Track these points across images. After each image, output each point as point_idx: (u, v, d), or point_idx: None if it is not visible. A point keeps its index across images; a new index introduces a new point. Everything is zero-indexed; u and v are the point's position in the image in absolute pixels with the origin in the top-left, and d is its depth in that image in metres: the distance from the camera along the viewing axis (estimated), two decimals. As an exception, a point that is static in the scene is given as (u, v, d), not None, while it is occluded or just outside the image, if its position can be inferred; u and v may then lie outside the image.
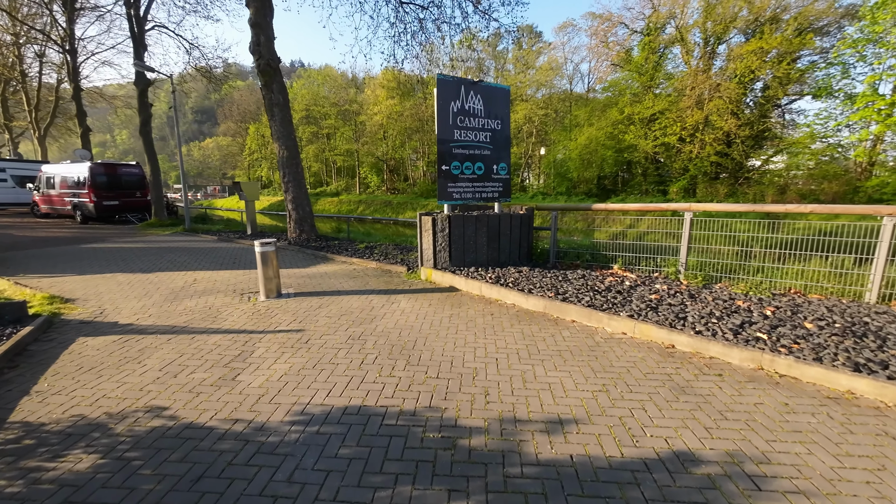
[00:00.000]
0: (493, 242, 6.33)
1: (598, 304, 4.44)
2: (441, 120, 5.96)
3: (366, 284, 5.89)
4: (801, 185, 25.01)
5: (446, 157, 6.06)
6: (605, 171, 30.62)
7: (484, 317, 4.44)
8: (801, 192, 24.51)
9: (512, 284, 5.23)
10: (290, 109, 9.16)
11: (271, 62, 8.67)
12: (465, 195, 6.29)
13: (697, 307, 4.28)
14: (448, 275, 5.72)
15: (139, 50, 14.47)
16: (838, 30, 24.89)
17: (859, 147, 23.75)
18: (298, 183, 9.32)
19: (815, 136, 24.58)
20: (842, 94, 23.41)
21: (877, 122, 21.25)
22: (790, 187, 25.54)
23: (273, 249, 5.25)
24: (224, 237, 10.99)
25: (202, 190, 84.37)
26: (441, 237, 6.05)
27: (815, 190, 24.19)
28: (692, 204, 5.47)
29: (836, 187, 23.84)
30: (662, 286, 5.12)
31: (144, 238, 11.45)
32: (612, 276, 5.66)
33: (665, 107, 27.56)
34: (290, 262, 7.53)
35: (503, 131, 6.58)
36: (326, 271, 6.78)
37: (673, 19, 29.11)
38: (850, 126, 23.76)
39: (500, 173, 6.64)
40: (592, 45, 33.34)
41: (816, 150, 24.93)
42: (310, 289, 5.70)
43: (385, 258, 7.39)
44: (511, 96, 39.69)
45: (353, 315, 4.53)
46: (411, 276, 6.30)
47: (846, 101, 22.97)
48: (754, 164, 27.88)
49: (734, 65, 25.25)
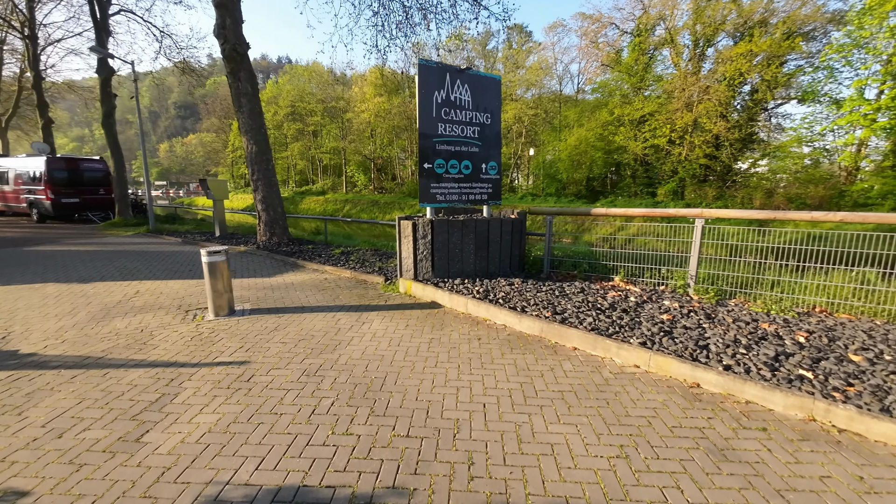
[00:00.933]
0: (482, 250, 5.66)
1: (603, 326, 3.79)
2: (423, 112, 5.26)
3: (335, 298, 5.15)
4: (788, 189, 25.02)
5: (429, 154, 5.36)
6: (595, 172, 30.33)
7: (470, 342, 3.75)
8: (788, 196, 24.50)
9: (503, 300, 4.56)
10: (260, 100, 8.34)
11: (238, 47, 7.83)
12: (451, 197, 5.60)
13: (718, 331, 3.66)
14: (430, 288, 5.02)
15: (101, 36, 13.42)
16: (824, 35, 24.98)
17: (845, 151, 23.83)
18: (269, 181, 8.50)
19: (802, 139, 24.64)
20: (827, 99, 23.48)
21: (863, 127, 21.28)
22: (777, 191, 25.58)
23: (223, 259, 4.47)
24: (189, 239, 10.09)
25: (184, 187, 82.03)
26: (422, 245, 5.34)
27: (801, 194, 24.21)
28: (704, 210, 4.87)
29: (823, 191, 23.90)
30: (672, 303, 4.51)
31: (102, 240, 10.47)
32: (615, 291, 5.03)
33: (655, 108, 27.36)
34: (255, 270, 6.73)
35: (493, 126, 5.91)
36: (293, 281, 6.01)
37: (663, 21, 28.94)
38: (834, 131, 23.89)
39: (490, 173, 5.96)
40: (582, 45, 33.05)
41: (802, 154, 25.02)
42: (270, 304, 4.94)
43: (361, 266, 6.65)
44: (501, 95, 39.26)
45: (315, 340, 3.79)
46: (389, 288, 5.57)
47: (832, 105, 23.01)
48: (741, 167, 27.89)
49: (723, 67, 25.15)
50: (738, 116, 26.19)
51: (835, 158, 25.08)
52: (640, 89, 29.35)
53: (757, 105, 26.06)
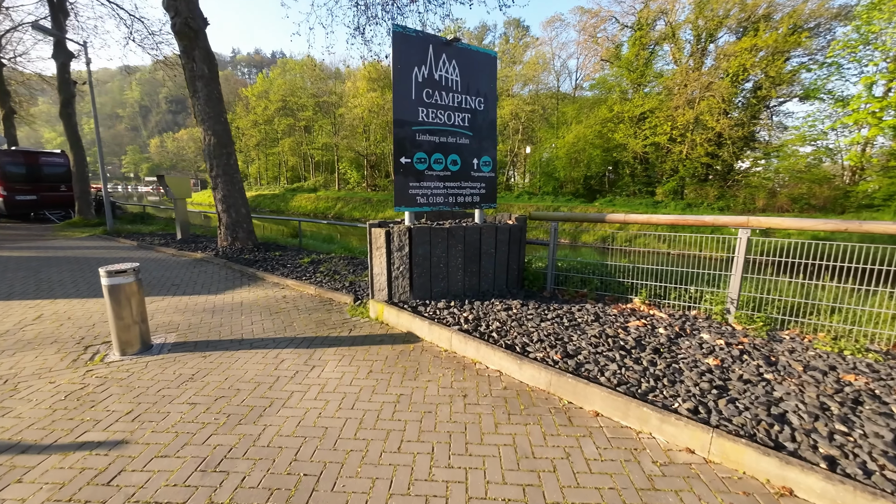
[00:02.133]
0: (472, 264, 4.63)
1: (633, 378, 2.79)
2: (399, 93, 4.21)
3: (288, 327, 4.10)
4: (791, 189, 24.25)
5: (407, 147, 4.32)
6: (593, 170, 29.40)
7: (452, 401, 2.73)
8: (791, 196, 23.74)
9: (497, 334, 3.54)
10: (219, 84, 7.24)
11: (190, 21, 6.71)
12: (435, 199, 4.57)
13: (792, 388, 2.67)
14: (406, 314, 3.98)
15: (58, 17, 12.18)
16: (828, 31, 24.19)
17: (851, 151, 23.12)
18: (230, 178, 7.41)
19: (805, 138, 23.88)
20: (832, 97, 22.74)
21: (870, 125, 20.53)
22: (780, 191, 24.84)
23: (132, 280, 3.40)
24: (146, 243, 8.97)
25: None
26: (398, 258, 4.30)
27: (805, 194, 23.46)
28: (751, 218, 3.88)
29: (828, 192, 23.18)
30: (714, 337, 3.52)
31: (48, 243, 9.32)
32: (637, 318, 4.03)
33: (655, 105, 26.48)
34: (203, 284, 5.66)
35: (487, 113, 4.88)
36: (244, 300, 4.95)
37: (664, 15, 28.02)
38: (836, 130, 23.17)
39: (483, 170, 4.93)
40: (581, 40, 32.11)
41: (805, 154, 24.30)
42: (201, 334, 3.88)
43: (330, 279, 5.60)
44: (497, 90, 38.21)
45: (238, 398, 2.75)
46: (357, 311, 4.53)
47: (839, 103, 22.23)
48: (743, 166, 27.12)
49: (726, 63, 24.29)
50: (741, 114, 25.39)
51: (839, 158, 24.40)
52: (641, 85, 28.45)
53: (760, 102, 25.25)
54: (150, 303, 4.79)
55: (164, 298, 4.97)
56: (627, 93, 29.26)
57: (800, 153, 24.40)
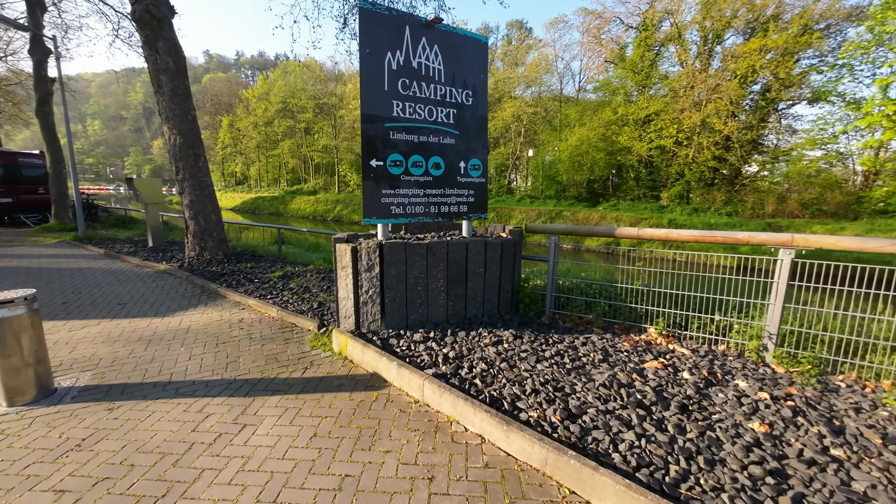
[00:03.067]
0: (457, 286, 3.92)
1: (657, 458, 2.07)
2: (369, 83, 3.52)
3: (231, 363, 3.40)
4: (802, 194, 23.45)
5: (378, 147, 3.62)
6: (596, 174, 28.67)
7: (413, 487, 2.01)
8: (802, 202, 22.96)
9: (481, 381, 2.82)
10: (187, 78, 6.57)
11: (152, 9, 6.05)
12: (413, 210, 3.87)
13: (875, 474, 1.95)
14: (371, 351, 3.26)
15: (35, 11, 11.59)
16: (839, 32, 23.45)
17: (865, 155, 22.36)
18: (198, 181, 6.73)
19: (815, 142, 23.11)
20: (843, 99, 22.00)
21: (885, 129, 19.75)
22: (790, 196, 24.07)
23: (20, 313, 2.69)
24: (114, 251, 8.31)
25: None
26: (367, 280, 3.60)
27: (817, 199, 22.68)
28: (795, 236, 3.16)
29: (840, 197, 22.41)
30: (754, 386, 2.79)
31: (7, 250, 8.67)
32: (654, 356, 3.30)
33: (661, 107, 25.76)
34: (152, 304, 4.97)
35: (477, 108, 4.18)
36: (192, 325, 4.26)
37: (670, 16, 27.33)
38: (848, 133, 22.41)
39: (472, 174, 4.23)
40: (585, 41, 31.45)
41: (816, 158, 23.55)
42: (123, 374, 3.18)
43: (298, 299, 4.90)
44: (499, 94, 37.67)
45: (126, 482, 2.04)
46: (320, 342, 3.82)
47: (851, 105, 21.47)
48: (751, 170, 26.36)
49: (734, 64, 23.58)
50: (749, 117, 24.64)
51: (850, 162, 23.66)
52: (646, 87, 27.74)
53: (769, 105, 24.50)
54: (81, 328, 4.11)
55: (100, 322, 4.28)
56: (632, 95, 28.57)
57: (810, 157, 23.66)
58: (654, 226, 21.45)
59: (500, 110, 33.77)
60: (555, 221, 24.34)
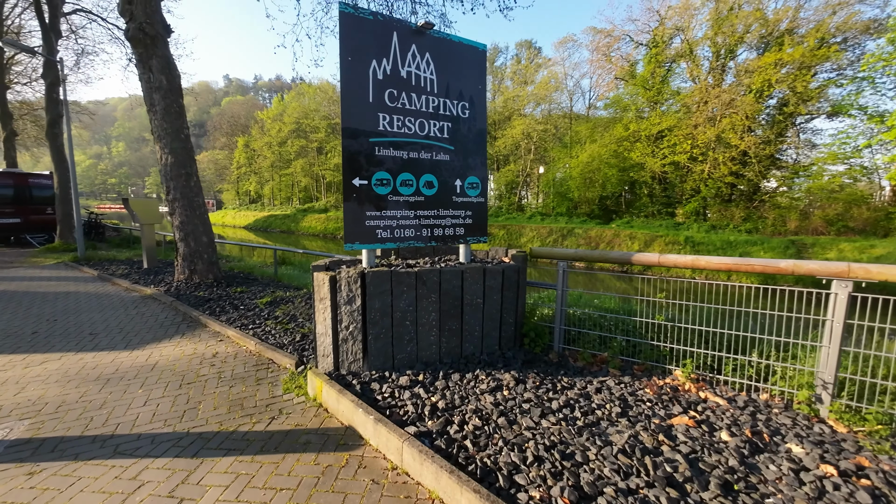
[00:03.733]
0: (451, 320, 3.46)
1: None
2: (351, 93, 3.16)
3: (190, 409, 2.97)
4: (825, 210, 22.48)
5: (362, 164, 3.24)
6: (608, 190, 28.07)
7: None
8: (826, 218, 22.00)
9: (473, 443, 2.33)
10: (181, 96, 6.39)
11: (145, 27, 5.92)
12: (403, 233, 3.45)
13: None
14: (347, 400, 2.79)
15: (49, 37, 11.84)
16: (857, 45, 22.84)
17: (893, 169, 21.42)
18: (189, 202, 6.46)
19: (837, 156, 22.27)
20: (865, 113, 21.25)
21: (912, 142, 18.91)
22: (813, 212, 23.13)
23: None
24: (107, 273, 8.07)
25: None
26: (347, 314, 3.16)
27: (842, 215, 21.70)
28: (852, 265, 2.63)
29: (867, 213, 21.41)
30: (811, 454, 2.23)
31: (2, 272, 8.51)
32: (684, 407, 2.76)
33: (673, 123, 25.28)
34: (127, 333, 4.61)
35: (474, 121, 3.79)
36: (160, 361, 3.86)
37: (680, 32, 27.12)
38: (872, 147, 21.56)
39: (469, 194, 3.81)
40: (594, 59, 31.33)
41: (839, 172, 22.66)
42: (64, 424, 2.77)
43: (281, 329, 4.48)
44: (508, 112, 37.63)
45: (9, 588, 1.60)
46: (295, 384, 3.37)
47: (875, 119, 20.71)
48: (770, 185, 25.50)
49: (749, 79, 23.09)
50: (767, 131, 23.97)
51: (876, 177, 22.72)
52: (657, 103, 27.36)
53: (787, 119, 23.81)
54: (40, 363, 3.75)
55: (63, 357, 3.92)
56: (643, 111, 28.21)
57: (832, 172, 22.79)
58: (670, 243, 20.69)
59: (510, 128, 33.71)
60: (566, 239, 23.73)
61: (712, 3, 25.37)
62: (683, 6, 26.17)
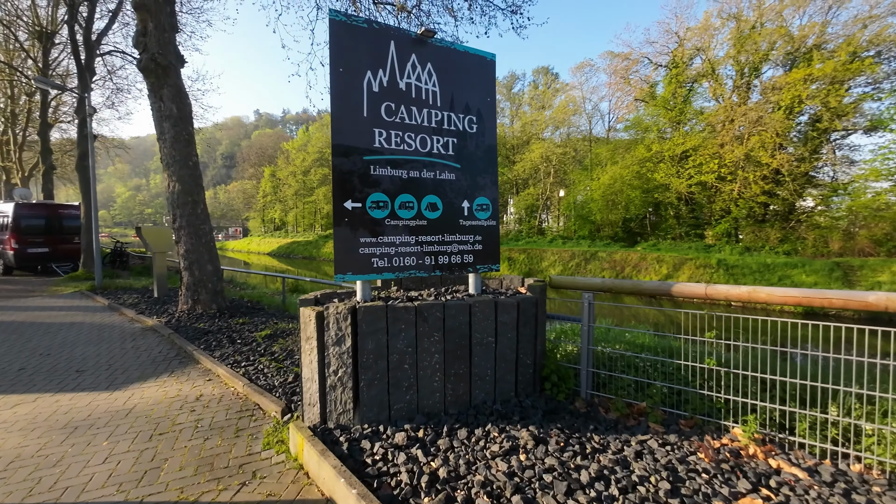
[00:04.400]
0: (458, 363, 2.97)
1: None
2: (342, 107, 2.85)
3: (151, 471, 2.55)
4: (871, 229, 20.94)
5: (355, 185, 2.88)
6: (632, 212, 27.14)
7: None
8: (874, 239, 20.49)
9: (478, 534, 1.81)
10: (191, 125, 6.36)
11: (157, 57, 5.95)
12: (402, 261, 3.04)
13: None
14: (328, 464, 2.30)
15: (84, 75, 12.47)
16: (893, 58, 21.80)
17: (944, 186, 19.91)
18: (195, 230, 6.30)
19: (880, 173, 20.89)
20: (909, 126, 20.00)
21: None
22: (858, 232, 21.60)
23: None
24: (118, 302, 7.97)
25: (224, 231, 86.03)
26: (336, 357, 2.73)
27: (891, 235, 20.14)
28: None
29: (922, 232, 19.82)
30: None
31: (19, 301, 8.56)
32: (752, 485, 2.15)
33: (698, 143, 24.49)
34: (115, 370, 4.31)
35: (482, 137, 3.42)
36: (139, 403, 3.49)
37: (701, 52, 26.68)
38: (917, 162, 20.16)
39: (479, 216, 3.39)
40: (612, 82, 31.14)
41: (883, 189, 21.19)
42: (3, 490, 2.40)
43: (275, 368, 4.08)
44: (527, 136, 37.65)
45: None
46: (276, 438, 2.92)
47: (920, 132, 19.45)
48: (806, 204, 24.09)
49: (777, 95, 22.26)
50: (800, 148, 22.86)
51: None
52: (680, 123, 26.69)
53: (821, 135, 22.68)
54: (11, 407, 3.44)
55: (39, 399, 3.61)
56: (666, 131, 27.57)
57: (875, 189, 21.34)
58: (701, 266, 19.56)
59: (529, 152, 33.57)
60: (589, 263, 22.86)
61: (733, 22, 24.99)
62: (703, 27, 25.88)
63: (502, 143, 36.08)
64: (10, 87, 22.82)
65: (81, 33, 12.51)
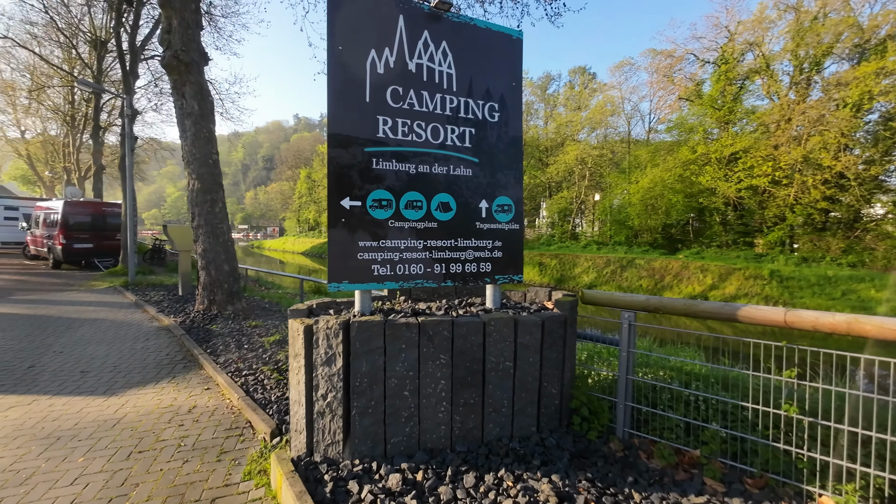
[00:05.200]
0: (469, 391, 2.52)
1: None
2: (340, 91, 2.48)
3: (119, 497, 2.26)
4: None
5: (354, 180, 2.51)
6: (673, 218, 25.54)
7: None
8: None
9: None
10: (213, 122, 6.26)
11: (180, 54, 5.89)
12: (408, 269, 2.63)
13: None
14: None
15: (128, 79, 13.00)
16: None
17: None
18: (213, 228, 6.19)
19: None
20: None
21: None
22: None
23: None
24: (144, 299, 8.08)
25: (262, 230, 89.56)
26: (325, 379, 2.36)
27: None
28: None
29: None
30: None
31: (56, 295, 8.87)
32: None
33: (749, 144, 22.69)
34: (118, 373, 4.16)
35: (504, 128, 2.96)
36: (127, 415, 3.27)
37: (754, 47, 24.80)
38: None
39: (499, 218, 2.93)
40: (654, 81, 29.58)
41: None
42: (-38, 509, 2.19)
43: (276, 378, 3.78)
44: (561, 138, 36.51)
45: None
46: (259, 467, 2.58)
47: None
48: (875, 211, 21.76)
49: (843, 91, 20.25)
50: (870, 150, 20.70)
51: None
52: (729, 123, 24.89)
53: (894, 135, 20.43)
54: (5, 409, 3.32)
55: (34, 402, 3.48)
56: (712, 132, 25.82)
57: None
58: (751, 277, 17.99)
59: (563, 153, 32.50)
60: (626, 271, 21.65)
61: (791, 14, 23.04)
62: (756, 20, 24.04)
63: (535, 145, 35.15)
64: (70, 93, 24.59)
65: (127, 39, 13.06)
